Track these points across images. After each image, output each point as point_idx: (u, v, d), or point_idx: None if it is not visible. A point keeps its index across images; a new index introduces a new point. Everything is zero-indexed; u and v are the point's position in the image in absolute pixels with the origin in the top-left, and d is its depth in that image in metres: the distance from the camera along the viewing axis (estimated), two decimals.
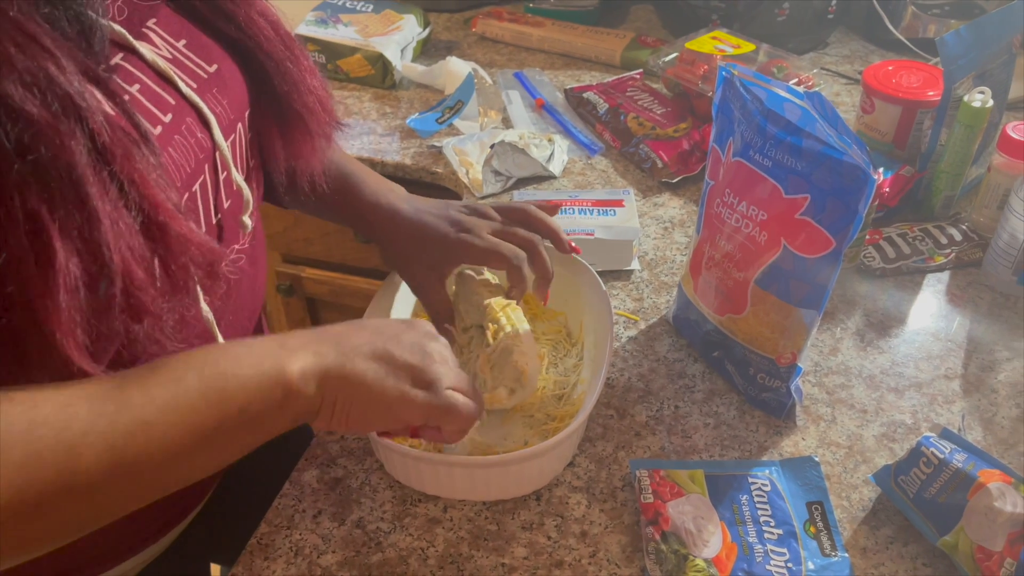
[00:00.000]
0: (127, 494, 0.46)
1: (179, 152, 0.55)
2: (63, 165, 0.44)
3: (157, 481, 0.48)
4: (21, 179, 0.42)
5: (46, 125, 0.43)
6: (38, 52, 0.44)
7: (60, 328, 0.45)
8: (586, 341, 0.82)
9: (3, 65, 0.42)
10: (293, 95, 0.66)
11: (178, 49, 0.58)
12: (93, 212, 0.45)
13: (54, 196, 0.43)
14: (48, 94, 0.43)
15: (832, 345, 0.86)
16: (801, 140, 0.67)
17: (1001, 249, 0.90)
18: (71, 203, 0.44)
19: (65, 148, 0.44)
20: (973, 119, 0.94)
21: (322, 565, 0.67)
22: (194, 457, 0.48)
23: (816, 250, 0.69)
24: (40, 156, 0.43)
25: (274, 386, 0.50)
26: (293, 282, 1.36)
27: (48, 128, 0.43)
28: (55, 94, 0.44)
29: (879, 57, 1.35)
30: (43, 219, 0.43)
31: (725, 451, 0.75)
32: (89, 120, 0.45)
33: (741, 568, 0.65)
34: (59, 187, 0.44)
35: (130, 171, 0.47)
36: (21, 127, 0.42)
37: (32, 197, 0.43)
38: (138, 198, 0.47)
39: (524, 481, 0.70)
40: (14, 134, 0.42)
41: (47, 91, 0.43)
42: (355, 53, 1.27)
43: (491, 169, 1.07)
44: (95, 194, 0.45)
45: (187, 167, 0.56)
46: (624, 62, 1.33)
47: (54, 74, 0.44)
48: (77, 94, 0.45)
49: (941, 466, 0.66)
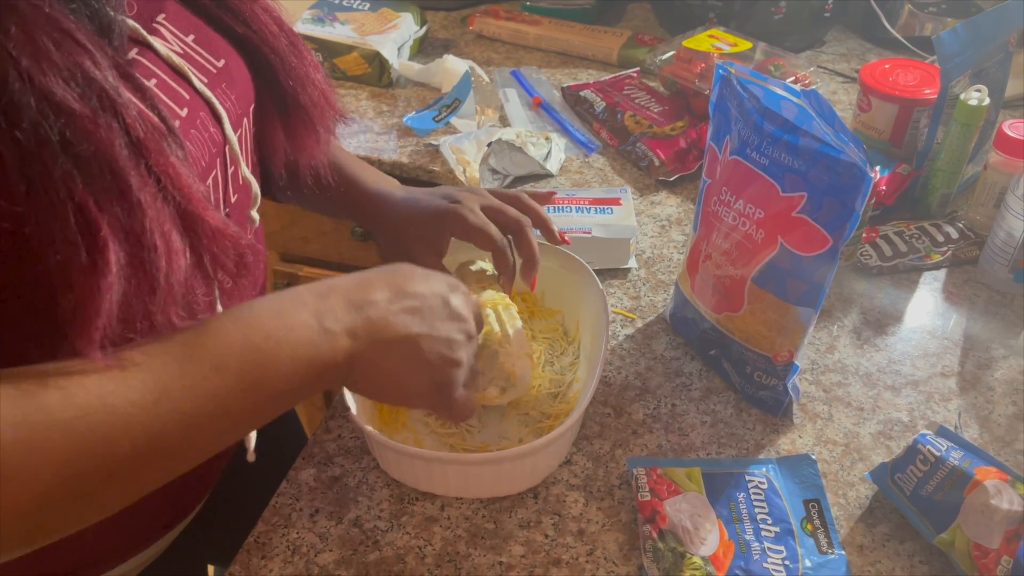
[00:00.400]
0: (169, 472, 0.47)
1: (196, 146, 0.56)
2: (105, 158, 0.44)
3: (193, 459, 0.49)
4: (67, 173, 0.43)
5: (87, 120, 0.43)
6: (74, 48, 0.44)
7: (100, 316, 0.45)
8: (583, 339, 0.82)
9: (43, 61, 0.42)
10: (298, 90, 0.66)
11: (188, 44, 0.59)
12: (136, 203, 0.45)
13: (98, 189, 0.44)
14: (86, 89, 0.44)
15: (829, 343, 0.86)
16: (798, 138, 0.67)
17: (997, 247, 0.90)
18: (115, 196, 0.45)
19: (105, 142, 0.44)
20: (970, 117, 0.94)
21: (319, 564, 0.67)
22: (229, 435, 0.50)
23: (813, 248, 0.69)
24: (83, 150, 0.43)
25: (311, 370, 0.51)
26: (291, 281, 1.36)
27: (88, 122, 0.43)
28: (92, 89, 0.44)
29: (876, 55, 1.35)
30: (91, 211, 0.44)
31: (722, 449, 0.76)
32: (124, 115, 0.45)
33: (738, 566, 0.65)
34: (102, 180, 0.44)
35: (164, 164, 0.48)
36: (63, 122, 0.43)
37: (79, 190, 0.43)
38: (173, 190, 0.48)
39: (518, 479, 0.70)
40: (57, 129, 0.42)
41: (85, 86, 0.44)
42: (352, 51, 1.27)
43: (488, 167, 1.07)
44: (136, 186, 0.45)
45: (202, 161, 0.57)
46: (621, 60, 1.33)
47: (90, 69, 0.44)
48: (112, 89, 0.45)
49: (938, 464, 0.66)
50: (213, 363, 0.47)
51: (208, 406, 0.47)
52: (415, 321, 0.56)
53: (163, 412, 0.45)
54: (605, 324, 0.76)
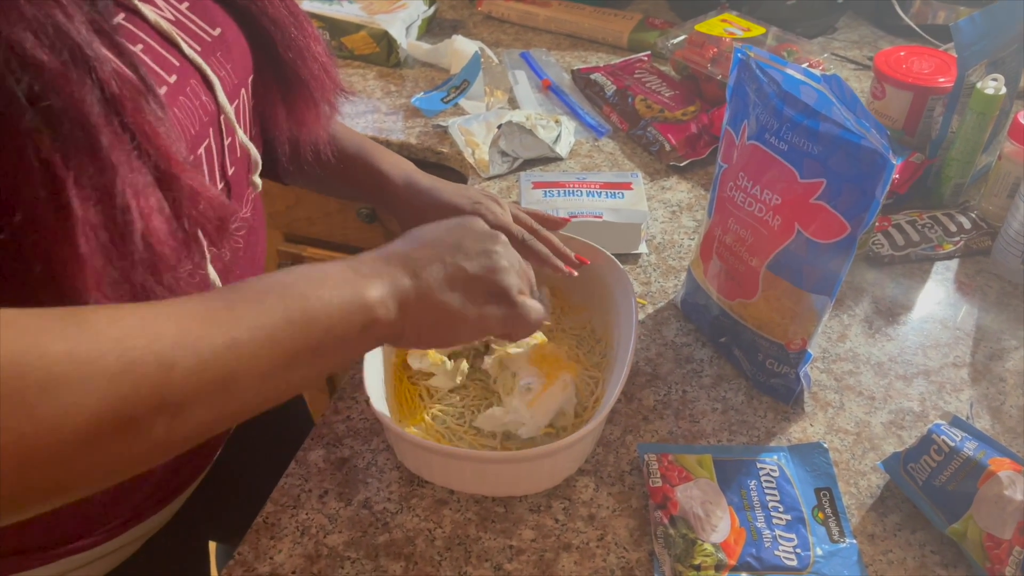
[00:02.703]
0: (216, 412, 0.44)
1: (184, 113, 0.55)
2: (75, 114, 0.43)
3: (246, 399, 0.45)
4: (34, 128, 0.42)
5: (57, 73, 0.42)
6: (45, 1, 0.43)
7: (85, 282, 0.44)
8: (611, 338, 0.78)
9: (12, 12, 0.41)
10: (298, 62, 0.65)
11: (180, 11, 0.57)
12: (107, 161, 0.44)
13: (67, 145, 0.43)
14: (57, 42, 0.43)
15: (840, 332, 0.86)
16: (818, 123, 0.66)
17: (1010, 238, 0.90)
18: (85, 152, 0.43)
19: (76, 97, 0.43)
20: (986, 106, 0.93)
21: (328, 545, 0.66)
22: (282, 376, 0.46)
23: (831, 235, 0.68)
24: (52, 105, 0.42)
25: (357, 311, 0.49)
26: (295, 262, 1.35)
27: (59, 76, 0.42)
28: (64, 43, 0.43)
29: (888, 43, 1.34)
30: (57, 168, 0.42)
31: (733, 436, 0.75)
32: (98, 69, 0.44)
33: (749, 553, 0.65)
34: (72, 136, 0.43)
35: (140, 122, 0.46)
36: (32, 75, 0.41)
37: (45, 146, 0.42)
38: (150, 149, 0.47)
39: (536, 479, 0.69)
40: (25, 82, 0.41)
41: (56, 39, 0.43)
42: (360, 30, 1.26)
43: (498, 150, 1.06)
44: (108, 143, 0.44)
45: (192, 129, 0.56)
46: (631, 44, 1.32)
47: (62, 22, 0.43)
48: (85, 43, 0.44)
49: (952, 454, 0.66)
50: (255, 298, 0.46)
51: (256, 334, 0.44)
52: (438, 251, 0.55)
53: (214, 336, 0.42)
54: (632, 325, 0.72)
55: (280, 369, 0.46)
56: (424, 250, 0.55)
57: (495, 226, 0.74)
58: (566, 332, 0.81)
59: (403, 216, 0.80)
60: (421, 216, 0.78)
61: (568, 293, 0.82)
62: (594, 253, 0.80)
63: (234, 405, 0.44)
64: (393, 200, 0.80)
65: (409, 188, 0.79)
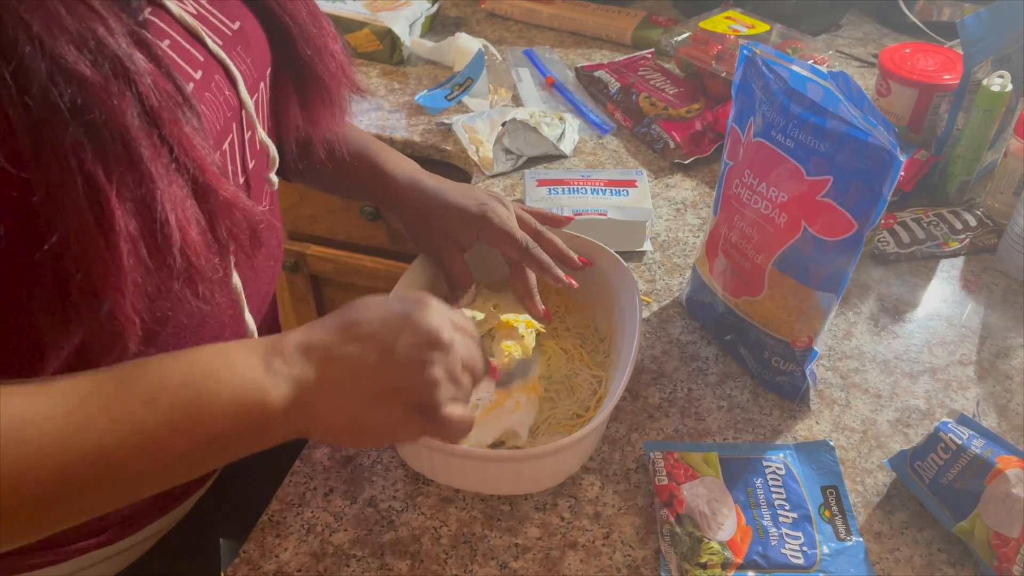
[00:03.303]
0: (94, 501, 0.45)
1: (210, 109, 0.55)
2: (116, 127, 0.43)
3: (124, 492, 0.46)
4: (77, 141, 0.42)
5: (98, 87, 0.42)
6: (87, 13, 0.43)
7: (121, 294, 0.45)
8: (615, 336, 0.78)
9: (55, 26, 0.41)
10: (316, 59, 0.65)
11: (202, 5, 0.57)
12: (148, 174, 0.44)
13: (109, 158, 0.43)
14: (98, 56, 0.43)
15: (846, 329, 0.86)
16: (825, 120, 0.65)
17: (1016, 235, 0.90)
18: (125, 165, 0.44)
19: (117, 110, 0.43)
20: (992, 103, 0.93)
21: (334, 543, 0.66)
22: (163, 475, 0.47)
23: (837, 233, 0.68)
24: (94, 118, 0.42)
25: (252, 418, 0.48)
26: (298, 259, 1.35)
27: (100, 90, 0.43)
28: (105, 56, 0.43)
29: (892, 40, 1.33)
30: (100, 181, 0.43)
31: (739, 434, 0.75)
32: (138, 83, 0.44)
33: (756, 551, 0.65)
34: (113, 149, 0.43)
35: (178, 134, 0.47)
36: (74, 89, 0.42)
37: (88, 159, 0.42)
38: (187, 161, 0.47)
39: (539, 479, 0.68)
40: (68, 95, 0.41)
41: (97, 53, 0.43)
42: (363, 28, 1.25)
43: (502, 147, 1.06)
44: (148, 156, 0.44)
45: (217, 125, 0.56)
46: (635, 41, 1.32)
47: (103, 35, 0.43)
48: (126, 56, 0.44)
49: (959, 452, 0.65)
50: (144, 397, 0.45)
51: (132, 440, 0.44)
52: (367, 350, 0.50)
53: (83, 444, 0.43)
54: (636, 323, 0.72)
55: (165, 472, 0.47)
56: (351, 346, 0.50)
57: (502, 232, 0.75)
58: (570, 331, 0.81)
59: (407, 217, 0.80)
60: (426, 218, 0.77)
61: (572, 291, 0.82)
62: (598, 251, 0.80)
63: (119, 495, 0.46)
64: (397, 201, 0.79)
65: (413, 188, 0.78)
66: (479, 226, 0.75)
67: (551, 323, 0.80)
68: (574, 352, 0.78)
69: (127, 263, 0.44)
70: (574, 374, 0.77)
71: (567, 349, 0.79)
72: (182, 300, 0.49)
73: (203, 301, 0.50)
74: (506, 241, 0.76)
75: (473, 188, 0.79)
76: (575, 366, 0.77)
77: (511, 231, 0.75)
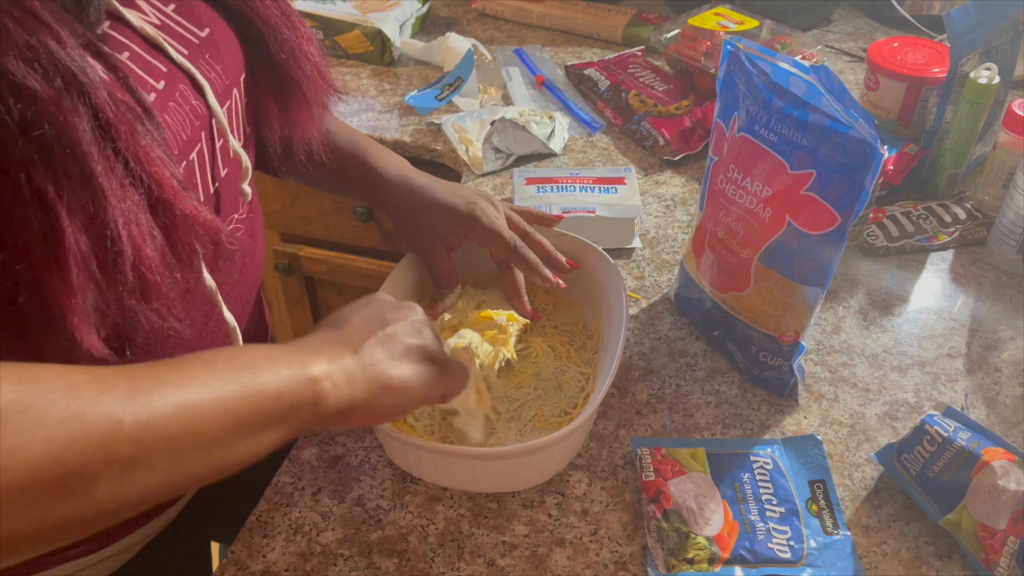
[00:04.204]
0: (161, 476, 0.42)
1: (175, 120, 0.54)
2: (68, 142, 0.43)
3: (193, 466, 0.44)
4: (26, 156, 0.41)
5: (49, 101, 0.42)
6: (37, 26, 0.43)
7: (72, 309, 0.44)
8: (603, 333, 0.78)
9: (3, 40, 0.41)
10: (290, 62, 0.65)
11: (167, 14, 0.57)
12: (99, 189, 0.44)
13: (59, 174, 0.43)
14: (50, 70, 0.42)
15: (835, 324, 0.86)
16: (807, 114, 0.65)
17: (1006, 227, 0.90)
18: (77, 181, 0.43)
19: (69, 124, 0.43)
20: (979, 96, 0.93)
21: (322, 543, 0.66)
22: (229, 445, 0.45)
23: (821, 226, 0.68)
24: (44, 133, 0.42)
25: (305, 385, 0.48)
26: (291, 261, 1.35)
27: (51, 104, 0.42)
28: (56, 69, 0.43)
29: (883, 34, 1.33)
30: (50, 197, 0.42)
31: (727, 429, 0.75)
32: (92, 96, 0.44)
33: (743, 546, 0.65)
34: (64, 164, 0.43)
35: (135, 148, 0.46)
36: (24, 104, 0.41)
37: (38, 175, 0.42)
38: (143, 175, 0.46)
39: (525, 475, 0.69)
40: (17, 111, 0.41)
41: (48, 66, 0.42)
42: (353, 29, 1.25)
43: (491, 146, 1.06)
44: (101, 171, 0.44)
45: (183, 135, 0.55)
46: (626, 39, 1.32)
47: (55, 49, 0.43)
48: (79, 69, 0.44)
49: (945, 444, 0.65)
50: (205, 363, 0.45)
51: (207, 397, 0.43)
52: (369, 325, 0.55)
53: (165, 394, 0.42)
54: (623, 321, 0.72)
55: (228, 437, 0.45)
56: (355, 330, 0.54)
57: (490, 231, 0.75)
58: (558, 328, 0.81)
59: (396, 214, 0.80)
60: (415, 215, 0.78)
61: (560, 289, 0.82)
62: (585, 249, 0.80)
63: (180, 471, 0.43)
64: (387, 198, 0.80)
65: (404, 186, 0.79)
66: (467, 225, 0.76)
67: (539, 321, 0.80)
68: (562, 350, 0.78)
69: (76, 280, 0.44)
70: (562, 371, 0.77)
71: (555, 347, 0.79)
72: (139, 315, 0.48)
73: (159, 316, 0.49)
74: (494, 240, 0.76)
75: (463, 187, 0.79)
76: (563, 364, 0.77)
77: (499, 230, 0.76)
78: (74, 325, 0.45)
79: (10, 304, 0.44)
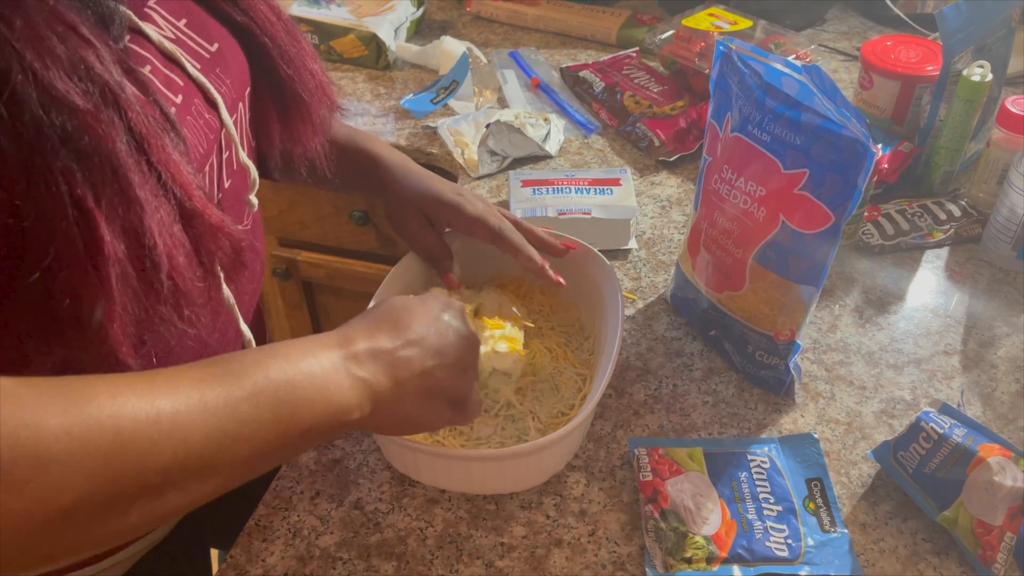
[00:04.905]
0: (190, 498, 0.44)
1: (192, 133, 0.55)
2: (105, 154, 0.44)
3: (217, 485, 0.45)
4: (66, 167, 0.43)
5: (88, 115, 0.43)
6: (79, 42, 0.44)
7: (110, 318, 0.45)
8: (599, 334, 0.78)
9: (47, 55, 0.42)
10: (295, 79, 0.65)
11: (179, 29, 0.58)
12: (136, 200, 0.45)
13: (98, 184, 0.44)
14: (89, 84, 0.44)
15: (831, 322, 0.86)
16: (800, 114, 0.66)
17: (1000, 224, 0.90)
18: (114, 191, 0.44)
19: (107, 137, 0.44)
20: (972, 93, 0.93)
21: (320, 546, 0.66)
22: (255, 466, 0.47)
23: (815, 225, 0.68)
24: (83, 145, 0.43)
25: (338, 413, 0.50)
26: (289, 266, 1.36)
27: (91, 118, 0.43)
28: (95, 84, 0.44)
29: (877, 33, 1.34)
30: (89, 206, 0.43)
31: (724, 429, 0.75)
32: (128, 110, 0.45)
33: (741, 545, 0.65)
34: (102, 176, 0.44)
35: (166, 160, 0.47)
36: (65, 117, 0.42)
37: (78, 185, 0.43)
38: (174, 187, 0.48)
39: (523, 477, 0.69)
40: (59, 123, 0.42)
41: (88, 81, 0.44)
42: (348, 33, 1.26)
43: (487, 149, 1.06)
44: (137, 182, 0.45)
45: (200, 148, 0.56)
46: (620, 40, 1.32)
47: (93, 63, 0.44)
48: (116, 84, 0.45)
49: (941, 441, 0.66)
50: (252, 391, 0.45)
51: (244, 431, 0.45)
52: (423, 354, 0.54)
53: (205, 426, 0.43)
54: (619, 321, 0.72)
55: (255, 461, 0.46)
56: (410, 350, 0.54)
57: (474, 218, 0.76)
58: (555, 329, 0.81)
59: (390, 198, 0.81)
60: (406, 199, 0.79)
61: (557, 290, 0.82)
62: (581, 250, 0.80)
63: (206, 490, 0.45)
64: (385, 182, 0.81)
65: (402, 171, 0.81)
66: (451, 211, 0.77)
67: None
68: (559, 351, 0.79)
69: (116, 288, 0.45)
70: (559, 373, 0.77)
71: (551, 348, 0.79)
72: (168, 323, 0.49)
73: (188, 324, 0.50)
74: (478, 226, 0.77)
75: (459, 186, 0.81)
76: (560, 365, 0.78)
77: (482, 216, 0.77)
78: (111, 333, 0.46)
79: (49, 313, 0.45)
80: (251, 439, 0.45)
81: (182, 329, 0.51)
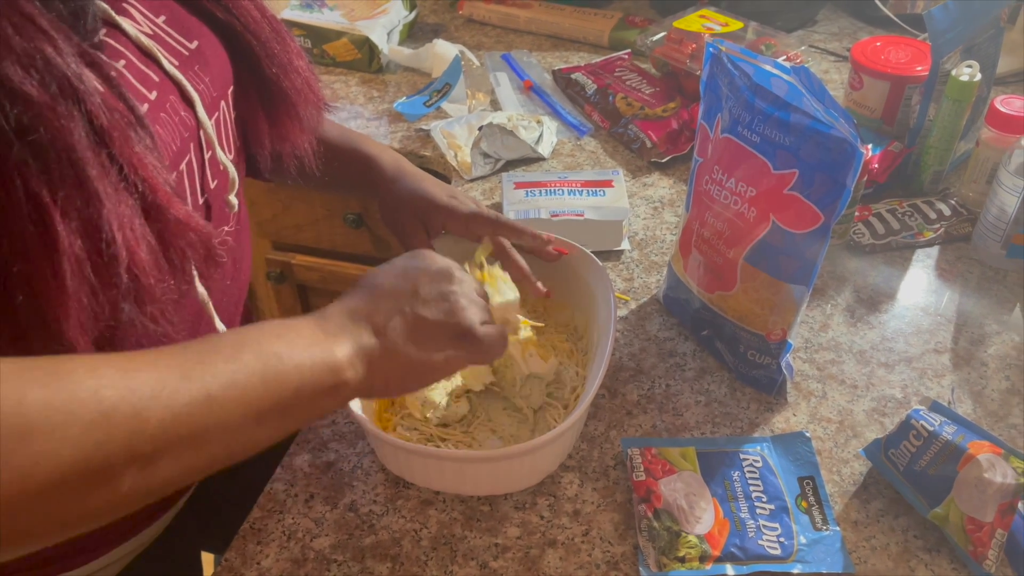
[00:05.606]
0: (183, 466, 0.44)
1: (165, 130, 0.55)
2: (62, 147, 0.43)
3: (213, 454, 0.45)
4: (21, 161, 0.42)
5: (44, 107, 0.43)
6: (35, 33, 0.44)
7: (66, 314, 0.45)
8: (592, 335, 0.78)
9: (1, 47, 0.42)
10: (281, 77, 0.65)
11: (158, 25, 0.58)
12: (94, 193, 0.45)
13: (54, 178, 0.43)
14: (46, 75, 0.43)
15: (822, 321, 0.86)
16: (789, 115, 0.66)
17: (990, 223, 0.90)
18: (71, 185, 0.44)
19: (64, 130, 0.43)
20: (961, 93, 0.93)
21: (315, 549, 0.67)
22: (250, 432, 0.47)
23: (805, 225, 0.68)
24: (39, 138, 0.43)
25: (327, 372, 0.50)
26: (283, 269, 1.36)
27: (47, 110, 0.43)
28: (53, 76, 0.43)
29: (867, 34, 1.34)
30: (44, 201, 0.43)
31: (717, 428, 0.76)
32: (87, 102, 0.45)
33: (733, 543, 0.65)
34: (59, 169, 0.43)
35: (128, 154, 0.47)
36: (20, 109, 0.42)
37: (33, 179, 0.43)
38: (137, 181, 0.47)
39: (516, 478, 0.69)
40: (13, 116, 0.42)
41: (45, 72, 0.43)
42: (341, 37, 1.26)
43: (480, 151, 1.06)
44: (95, 176, 0.45)
45: (173, 146, 0.56)
46: (612, 42, 1.33)
47: (51, 56, 0.44)
48: (75, 76, 0.44)
49: (931, 439, 0.66)
50: (228, 355, 0.46)
51: (230, 392, 0.45)
52: (398, 301, 0.55)
53: (189, 390, 0.43)
54: (611, 322, 0.72)
55: (249, 425, 0.46)
56: (384, 302, 0.55)
57: (468, 215, 0.77)
58: (548, 330, 0.82)
59: (384, 197, 0.81)
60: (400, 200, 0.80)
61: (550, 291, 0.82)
62: (574, 251, 0.81)
63: (201, 459, 0.45)
64: (379, 181, 0.81)
65: (396, 171, 0.81)
66: (445, 213, 0.78)
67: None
68: (561, 348, 0.79)
69: (71, 283, 0.45)
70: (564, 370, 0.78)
71: (555, 345, 0.79)
72: (132, 320, 0.49)
73: (153, 321, 0.50)
74: (475, 221, 0.77)
75: (453, 188, 0.81)
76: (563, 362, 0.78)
77: (479, 212, 0.77)
78: (68, 329, 0.46)
79: (6, 307, 0.45)
80: (240, 400, 0.45)
81: (152, 329, 0.50)
